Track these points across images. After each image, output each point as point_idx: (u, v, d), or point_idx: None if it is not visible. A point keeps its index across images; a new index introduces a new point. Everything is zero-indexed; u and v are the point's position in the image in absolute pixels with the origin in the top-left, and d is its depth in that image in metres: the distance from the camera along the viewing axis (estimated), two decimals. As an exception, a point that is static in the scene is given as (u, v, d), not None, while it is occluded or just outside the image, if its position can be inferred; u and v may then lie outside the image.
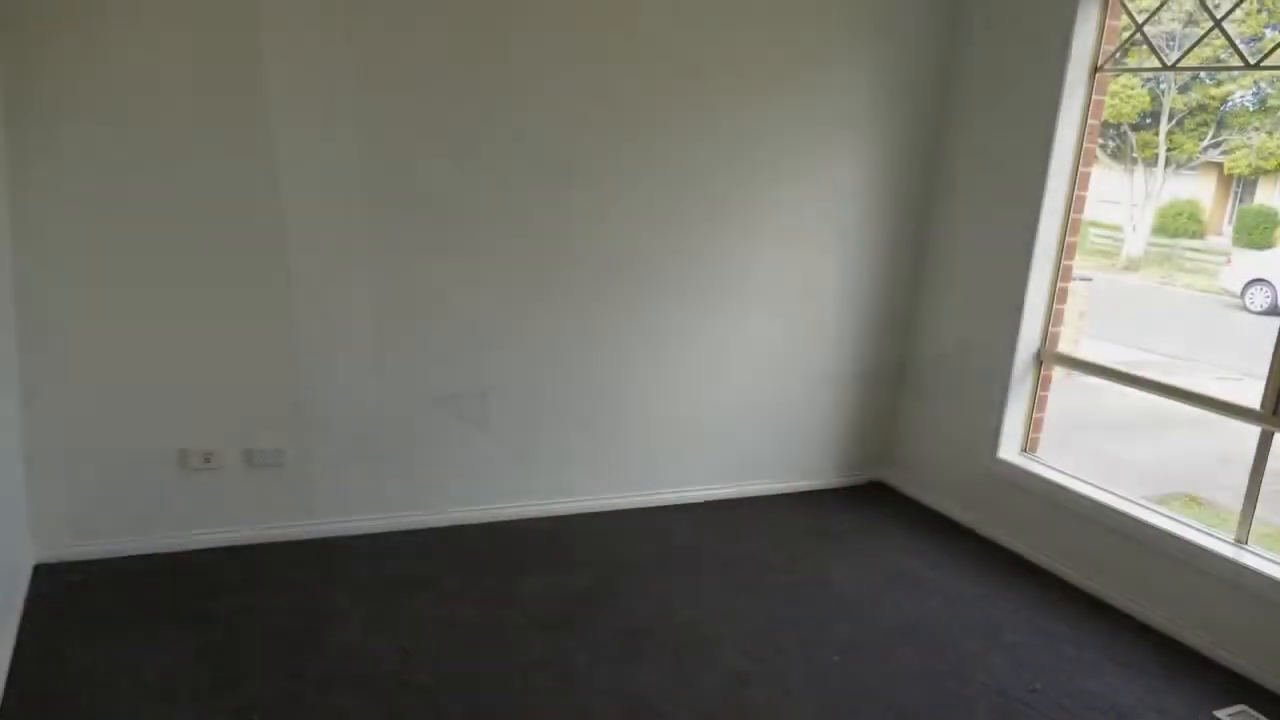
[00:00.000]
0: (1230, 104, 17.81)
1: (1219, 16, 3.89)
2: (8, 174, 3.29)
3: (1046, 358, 4.56)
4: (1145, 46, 4.28)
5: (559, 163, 4.13)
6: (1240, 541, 3.77)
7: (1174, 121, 18.02)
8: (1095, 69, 4.27)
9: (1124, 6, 4.21)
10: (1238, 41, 3.87)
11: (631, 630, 3.55)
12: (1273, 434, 3.67)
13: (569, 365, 4.38)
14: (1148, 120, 18.18)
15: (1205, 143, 18.17)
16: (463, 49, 3.85)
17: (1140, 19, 4.21)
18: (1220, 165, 19.38)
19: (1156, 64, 4.22)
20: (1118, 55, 4.31)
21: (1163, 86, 17.38)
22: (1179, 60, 4.19)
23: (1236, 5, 4.01)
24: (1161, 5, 4.16)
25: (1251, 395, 3.82)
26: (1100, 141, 5.52)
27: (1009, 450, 4.63)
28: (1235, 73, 15.18)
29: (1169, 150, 18.21)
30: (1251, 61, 3.82)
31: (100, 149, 3.42)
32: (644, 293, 4.45)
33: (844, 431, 5.17)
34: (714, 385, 4.74)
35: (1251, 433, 3.75)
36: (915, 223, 4.99)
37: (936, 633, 3.74)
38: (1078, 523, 4.24)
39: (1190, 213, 20.48)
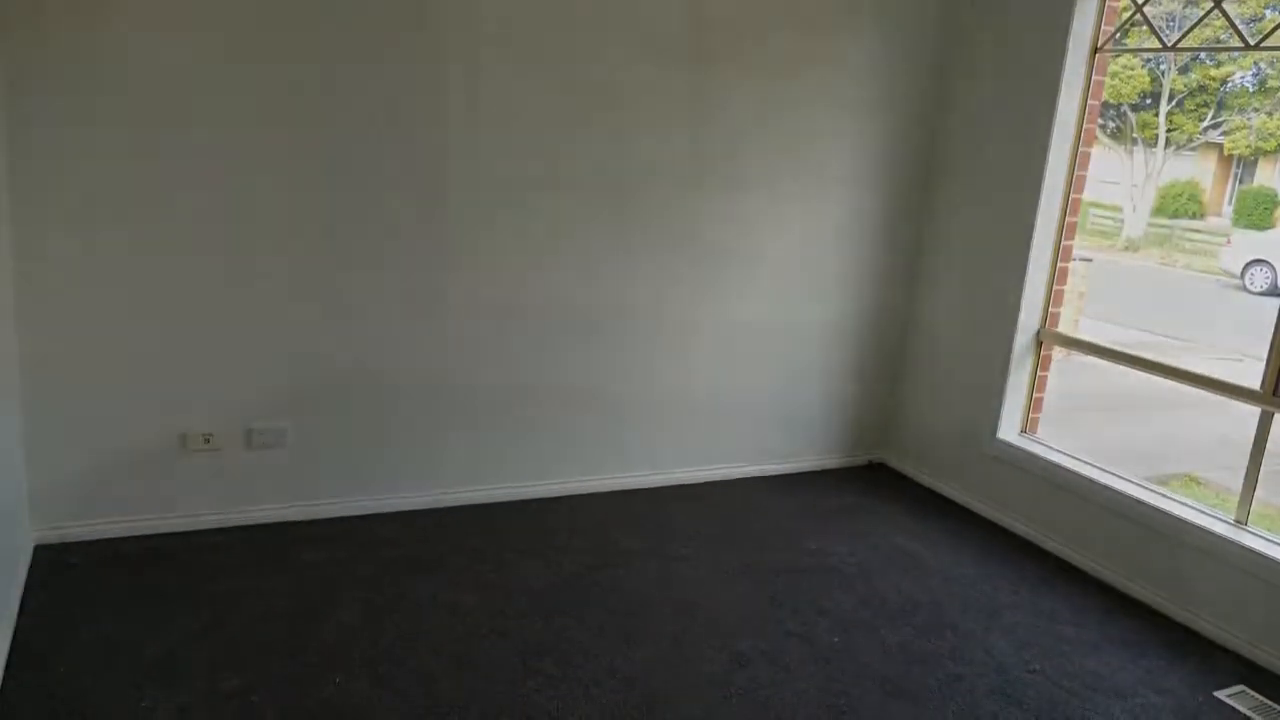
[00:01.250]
0: (1230, 85, 17.77)
1: (1221, -5, 3.87)
2: (7, 162, 3.27)
3: (1046, 338, 4.56)
4: (1145, 27, 4.26)
5: (557, 160, 4.12)
6: (1240, 522, 3.78)
7: (1174, 102, 17.96)
8: (1095, 49, 4.25)
9: (1125, -15, 4.19)
10: (1237, 22, 3.85)
11: (631, 612, 3.56)
12: (1272, 414, 3.67)
13: (569, 348, 4.37)
14: (1148, 101, 18.14)
15: (1205, 123, 18.13)
16: (470, 46, 3.86)
17: (1141, -1, 4.19)
18: (1220, 146, 19.33)
19: (1156, 44, 4.20)
20: (1118, 36, 4.29)
21: (1163, 67, 17.32)
22: (1179, 41, 4.17)
23: (1238, -16, 3.99)
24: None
25: (1251, 376, 3.82)
26: (1100, 122, 5.50)
27: (1008, 431, 4.64)
28: (1235, 53, 15.08)
29: (1169, 131, 18.16)
30: (1251, 42, 3.80)
31: (97, 137, 3.40)
32: (644, 278, 4.44)
33: (844, 412, 5.17)
34: (714, 367, 4.74)
35: (1251, 413, 3.76)
36: (915, 204, 4.98)
37: (936, 613, 3.75)
38: (1077, 503, 4.25)
39: (1190, 193, 20.45)
